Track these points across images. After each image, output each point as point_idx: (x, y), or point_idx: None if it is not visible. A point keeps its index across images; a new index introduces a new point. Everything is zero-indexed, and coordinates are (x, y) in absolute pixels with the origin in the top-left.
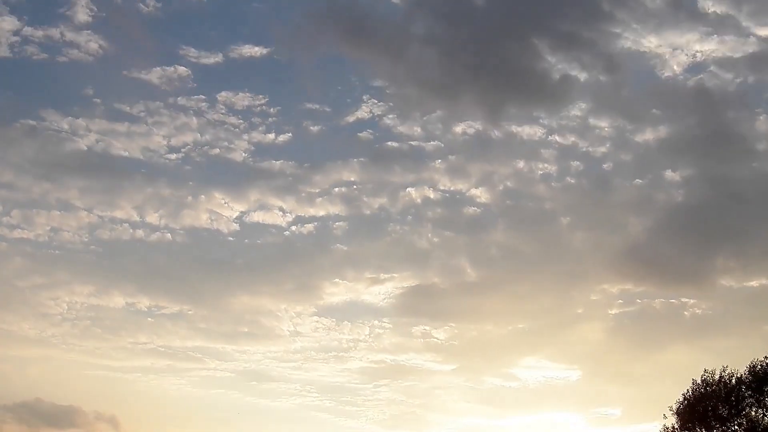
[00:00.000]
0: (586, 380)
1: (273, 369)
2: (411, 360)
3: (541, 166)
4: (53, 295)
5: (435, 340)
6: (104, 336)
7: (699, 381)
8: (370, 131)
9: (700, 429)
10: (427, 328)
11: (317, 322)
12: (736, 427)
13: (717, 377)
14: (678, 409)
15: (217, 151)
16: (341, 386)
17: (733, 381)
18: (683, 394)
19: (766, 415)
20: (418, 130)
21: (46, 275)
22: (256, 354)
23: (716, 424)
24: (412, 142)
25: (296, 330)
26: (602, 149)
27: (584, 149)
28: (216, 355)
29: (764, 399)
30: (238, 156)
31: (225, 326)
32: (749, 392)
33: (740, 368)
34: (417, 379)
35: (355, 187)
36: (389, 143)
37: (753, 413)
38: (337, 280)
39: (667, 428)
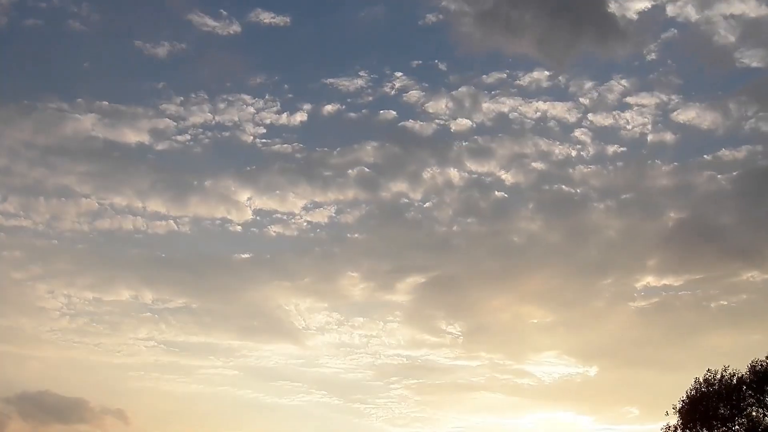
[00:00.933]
0: (606, 377)
1: (283, 366)
2: (425, 356)
3: (577, 146)
4: (52, 287)
5: (451, 335)
6: (105, 331)
7: (701, 380)
8: (392, 110)
9: (702, 428)
10: (443, 322)
11: (329, 316)
12: (737, 426)
13: (718, 377)
14: (680, 408)
15: (227, 134)
16: (354, 383)
17: (735, 381)
18: (685, 393)
19: (767, 415)
20: (443, 106)
21: (45, 266)
22: (265, 351)
23: (717, 424)
24: (438, 121)
25: (307, 325)
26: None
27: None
28: (223, 351)
29: (765, 399)
30: (249, 138)
31: (233, 321)
32: (750, 392)
33: (742, 368)
34: (431, 376)
35: (372, 170)
36: (412, 122)
37: (754, 413)
38: (351, 273)
39: (669, 427)
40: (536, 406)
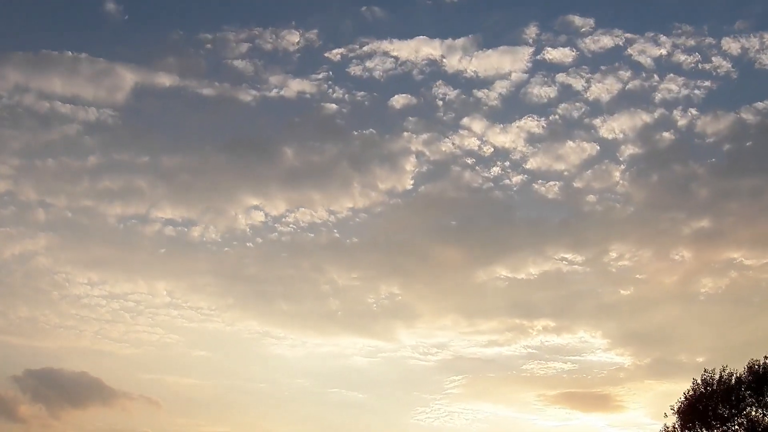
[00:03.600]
0: (659, 368)
1: (314, 359)
2: (464, 347)
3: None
4: (52, 267)
5: (494, 321)
6: (107, 318)
7: (699, 381)
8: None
9: (701, 429)
10: (487, 309)
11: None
12: (736, 426)
13: (717, 377)
14: (679, 408)
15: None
16: (381, 379)
17: (733, 381)
18: (684, 394)
19: (766, 415)
20: (534, 31)
21: (45, 241)
22: (295, 341)
23: (717, 424)
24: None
25: (335, 311)
26: None
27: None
28: (244, 341)
29: (764, 399)
30: (294, 92)
31: (257, 308)
32: (749, 392)
33: (740, 368)
34: (474, 370)
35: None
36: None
37: (753, 413)
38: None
39: (668, 428)
40: (579, 400)
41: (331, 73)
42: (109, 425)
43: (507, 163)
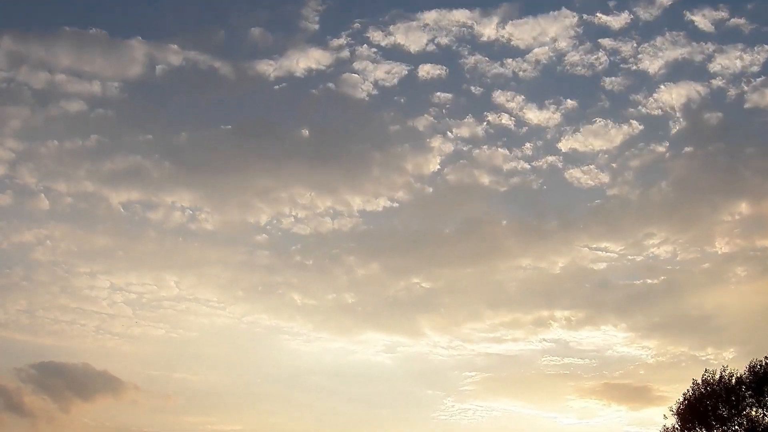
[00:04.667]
0: (682, 364)
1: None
2: (489, 346)
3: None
4: (51, 259)
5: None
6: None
7: (699, 381)
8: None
9: (701, 429)
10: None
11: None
12: (736, 427)
13: (717, 377)
14: (678, 409)
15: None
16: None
17: (733, 381)
18: (683, 395)
19: (766, 415)
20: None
21: (45, 232)
22: (309, 336)
23: (717, 424)
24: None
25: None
26: None
27: None
28: (252, 337)
29: (764, 399)
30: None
31: (267, 303)
32: (749, 392)
33: (740, 368)
34: (490, 368)
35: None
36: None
37: (753, 413)
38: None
39: (668, 428)
40: (599, 395)
41: (351, 39)
42: (118, 422)
43: (540, 143)
